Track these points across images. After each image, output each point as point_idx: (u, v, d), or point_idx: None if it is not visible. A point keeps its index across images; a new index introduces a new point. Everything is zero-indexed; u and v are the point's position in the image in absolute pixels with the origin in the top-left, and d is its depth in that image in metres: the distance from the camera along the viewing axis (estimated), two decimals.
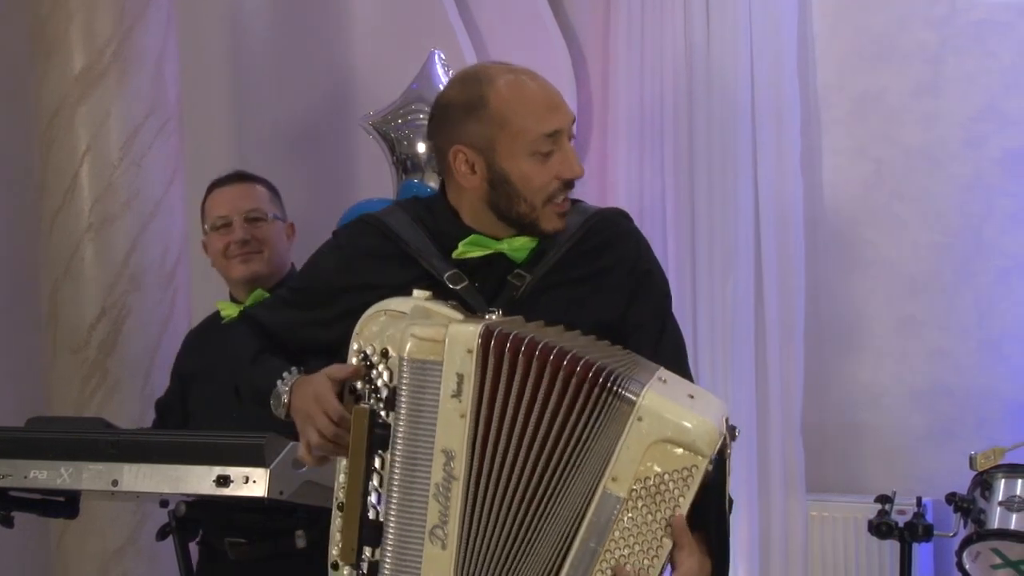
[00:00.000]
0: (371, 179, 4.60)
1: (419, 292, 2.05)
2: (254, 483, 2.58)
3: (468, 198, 2.23)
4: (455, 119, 2.19)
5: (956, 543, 3.18)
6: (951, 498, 3.20)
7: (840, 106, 4.39)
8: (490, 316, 1.99)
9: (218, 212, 3.18)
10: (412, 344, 1.94)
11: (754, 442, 4.23)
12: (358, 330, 2.05)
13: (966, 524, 3.18)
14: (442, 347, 1.93)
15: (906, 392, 4.26)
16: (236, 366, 2.33)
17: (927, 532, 3.20)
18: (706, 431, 1.88)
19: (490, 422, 1.92)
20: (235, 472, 2.59)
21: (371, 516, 1.98)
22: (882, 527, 3.19)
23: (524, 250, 2.22)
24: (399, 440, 1.96)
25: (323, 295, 2.29)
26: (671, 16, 4.46)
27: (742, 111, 4.33)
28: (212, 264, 3.22)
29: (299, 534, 2.87)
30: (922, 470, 4.15)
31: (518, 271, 2.22)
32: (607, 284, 2.26)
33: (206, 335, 3.24)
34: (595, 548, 1.90)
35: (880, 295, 4.33)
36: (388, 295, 2.09)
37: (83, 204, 4.10)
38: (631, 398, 1.90)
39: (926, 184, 4.25)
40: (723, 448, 1.93)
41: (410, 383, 1.95)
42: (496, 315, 2.00)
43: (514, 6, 4.70)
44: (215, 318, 3.21)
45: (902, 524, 3.19)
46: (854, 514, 4.11)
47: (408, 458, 1.95)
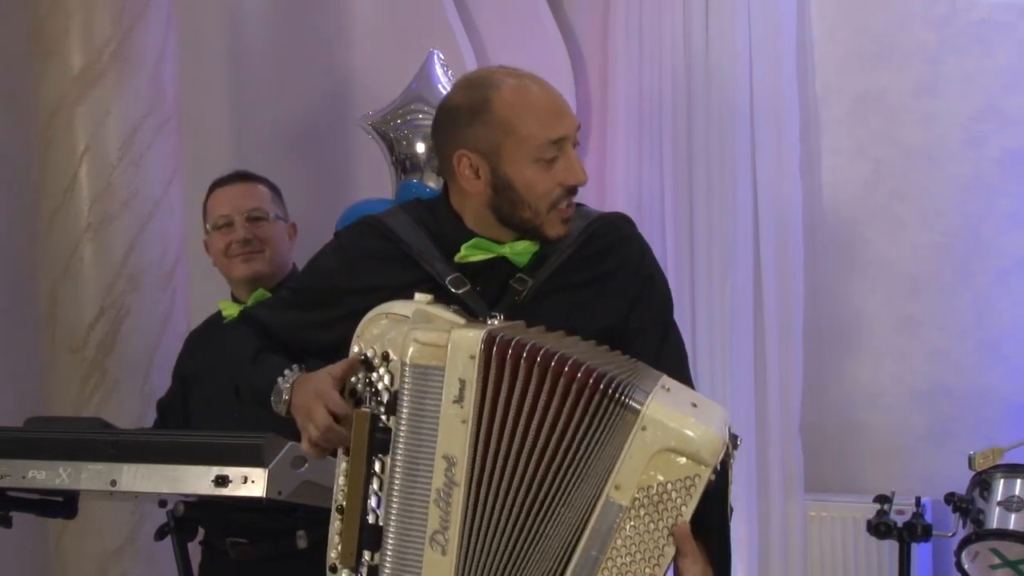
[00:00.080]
0: (370, 179, 4.59)
1: (421, 296, 2.05)
2: (252, 483, 2.58)
3: (471, 202, 2.22)
4: (460, 123, 2.18)
5: (955, 543, 3.18)
6: (950, 498, 3.20)
7: (839, 106, 4.39)
8: (492, 321, 1.98)
9: (220, 211, 3.18)
10: (414, 349, 1.93)
11: (753, 442, 4.23)
12: (359, 332, 2.04)
13: (965, 524, 3.18)
14: (444, 352, 1.92)
15: (905, 392, 4.26)
16: (236, 366, 2.33)
17: (926, 532, 3.20)
18: (709, 441, 1.87)
19: (491, 428, 1.91)
20: (233, 472, 2.59)
21: (371, 520, 1.98)
22: (881, 527, 3.19)
23: (526, 254, 2.22)
24: (400, 445, 1.95)
25: (324, 296, 2.29)
26: (670, 15, 4.46)
27: (741, 110, 4.33)
28: (214, 264, 3.22)
29: (300, 534, 2.87)
30: (921, 470, 4.15)
31: (520, 275, 2.22)
32: (610, 288, 2.26)
33: (208, 335, 3.23)
34: (597, 556, 1.89)
35: (879, 295, 4.33)
36: (389, 297, 2.08)
37: (82, 204, 4.10)
38: (635, 407, 1.89)
39: (925, 184, 4.25)
40: (726, 457, 1.92)
41: (412, 388, 1.94)
42: (498, 320, 1.99)
43: (513, 6, 4.69)
44: (217, 318, 3.21)
45: (901, 524, 3.19)
46: (853, 514, 4.11)
47: (409, 463, 1.95)
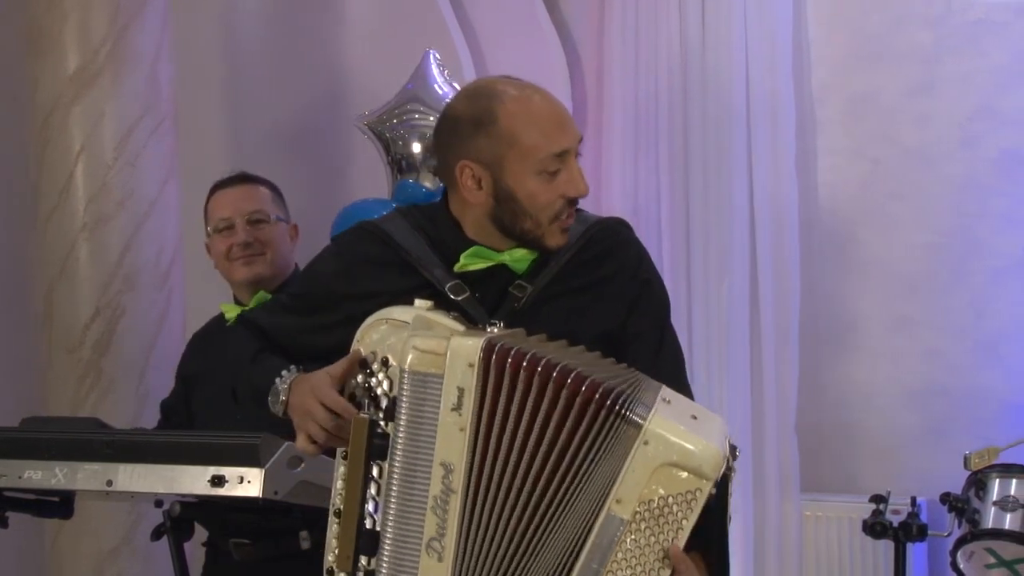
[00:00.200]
0: (366, 179, 4.59)
1: (420, 302, 2.05)
2: (249, 483, 2.57)
3: (472, 211, 2.23)
4: (463, 134, 2.18)
5: (950, 543, 3.18)
6: (945, 498, 3.20)
7: (835, 106, 4.39)
8: (492, 329, 1.98)
9: (221, 214, 3.17)
10: (413, 356, 1.93)
11: (749, 442, 4.23)
12: (359, 337, 2.05)
13: (960, 524, 3.18)
14: (443, 360, 1.92)
15: (901, 392, 4.26)
16: (236, 368, 2.33)
17: (921, 532, 3.20)
18: (711, 455, 1.88)
19: (489, 437, 1.91)
20: (230, 472, 2.59)
21: (368, 525, 1.98)
22: (876, 527, 3.19)
23: (525, 261, 2.23)
24: (398, 451, 1.95)
25: (323, 301, 2.29)
26: (666, 15, 4.45)
27: (737, 111, 4.32)
28: (215, 266, 3.21)
29: (304, 535, 2.87)
30: (916, 470, 4.15)
31: (519, 282, 2.22)
32: (608, 293, 2.26)
33: (210, 337, 3.23)
34: (597, 569, 1.89)
35: (875, 295, 4.33)
36: (388, 303, 2.09)
37: (78, 204, 4.10)
38: (638, 421, 1.89)
39: (921, 184, 4.25)
40: (726, 471, 1.92)
41: (410, 395, 1.94)
42: (498, 327, 1.99)
43: (509, 6, 4.68)
44: (219, 320, 3.20)
45: (896, 524, 3.19)
46: (848, 514, 4.10)
47: (406, 469, 1.95)
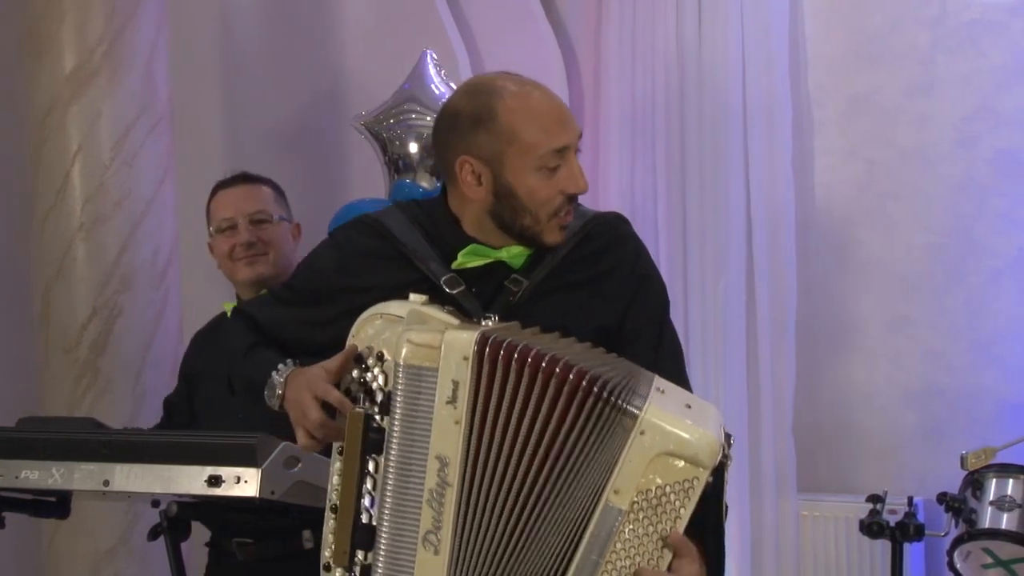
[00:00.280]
0: (363, 179, 4.59)
1: (415, 296, 2.05)
2: (246, 483, 2.57)
3: (471, 208, 2.23)
4: (463, 130, 2.19)
5: (947, 543, 3.19)
6: (942, 498, 3.20)
7: (832, 106, 4.38)
8: (486, 322, 1.99)
9: (223, 214, 3.17)
10: (408, 350, 1.93)
11: (745, 442, 4.22)
12: (354, 332, 2.05)
13: (957, 524, 3.18)
14: (438, 353, 1.92)
15: (898, 392, 4.25)
16: (229, 358, 2.33)
17: (918, 532, 3.20)
18: (707, 443, 1.88)
19: (484, 430, 1.91)
20: (227, 472, 2.59)
21: (364, 519, 1.98)
22: (873, 527, 3.19)
23: (521, 256, 2.23)
24: (393, 445, 1.95)
25: (320, 294, 2.29)
26: (663, 15, 4.45)
27: (734, 110, 4.31)
28: (218, 266, 3.22)
29: (307, 535, 2.86)
30: (913, 470, 4.15)
31: (515, 276, 2.23)
32: (605, 289, 2.26)
33: (213, 336, 3.22)
34: (596, 560, 1.90)
35: (872, 295, 4.32)
36: (384, 296, 2.09)
37: (74, 204, 4.10)
38: (634, 412, 1.89)
39: (918, 184, 4.25)
40: (722, 459, 1.92)
41: (405, 388, 1.94)
42: (492, 321, 2.00)
43: (506, 6, 4.68)
44: (222, 319, 3.19)
45: (893, 524, 3.19)
46: (845, 514, 4.09)
47: (402, 463, 1.95)
